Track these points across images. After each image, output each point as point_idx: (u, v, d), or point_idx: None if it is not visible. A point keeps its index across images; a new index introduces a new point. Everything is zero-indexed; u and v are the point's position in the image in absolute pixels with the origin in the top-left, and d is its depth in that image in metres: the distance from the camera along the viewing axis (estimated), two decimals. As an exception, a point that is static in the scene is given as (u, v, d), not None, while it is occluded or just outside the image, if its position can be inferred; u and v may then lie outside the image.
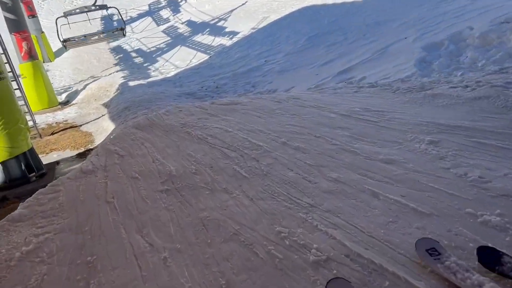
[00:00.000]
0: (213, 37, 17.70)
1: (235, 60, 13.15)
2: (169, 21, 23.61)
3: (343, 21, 11.72)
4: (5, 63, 8.88)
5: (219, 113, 4.79)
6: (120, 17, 12.64)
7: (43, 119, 12.95)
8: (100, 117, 11.11)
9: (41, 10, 28.37)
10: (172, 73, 14.93)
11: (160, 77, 14.82)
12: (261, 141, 3.33)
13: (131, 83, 14.24)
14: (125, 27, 13.27)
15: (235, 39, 15.98)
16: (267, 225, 2.24)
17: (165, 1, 27.77)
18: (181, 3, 26.26)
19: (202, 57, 15.78)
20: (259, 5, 18.88)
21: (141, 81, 14.38)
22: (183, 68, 15.12)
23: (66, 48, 12.80)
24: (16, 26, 14.39)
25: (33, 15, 21.91)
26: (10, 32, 14.42)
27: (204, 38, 18.24)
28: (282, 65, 10.54)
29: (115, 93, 13.65)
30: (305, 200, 2.45)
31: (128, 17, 26.13)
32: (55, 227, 2.40)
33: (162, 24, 23.57)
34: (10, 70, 9.10)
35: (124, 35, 13.93)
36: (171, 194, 2.66)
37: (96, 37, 13.18)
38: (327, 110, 3.96)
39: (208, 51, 16.20)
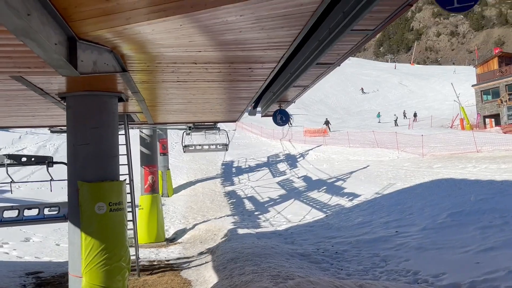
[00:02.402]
0: (329, 196, 16.83)
1: (357, 224, 11.74)
2: (285, 174, 23.83)
3: (496, 201, 9.92)
4: (127, 193, 8.80)
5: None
6: (227, 137, 16.14)
7: (146, 254, 12.48)
8: (203, 264, 10.16)
9: (172, 150, 31.44)
10: (283, 227, 13.94)
11: (271, 228, 13.90)
12: None
13: (240, 231, 13.49)
14: (228, 144, 16.08)
15: (355, 201, 14.82)
16: None
17: (284, 156, 28.78)
18: (298, 159, 26.85)
19: (317, 214, 14.72)
20: (383, 171, 17.98)
21: (251, 230, 13.57)
22: (296, 223, 14.07)
23: (184, 151, 16.42)
24: (148, 161, 15.38)
25: (164, 153, 24.02)
26: (141, 164, 15.43)
27: (320, 196, 17.47)
28: (419, 241, 8.81)
29: (223, 239, 12.91)
30: None
31: (247, 166, 27.29)
32: None
33: (278, 176, 23.83)
34: (130, 200, 8.96)
35: (227, 150, 16.61)
36: None
37: (207, 147, 16.43)
38: None
39: (324, 209, 15.15)
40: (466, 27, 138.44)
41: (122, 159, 8.89)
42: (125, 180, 6.75)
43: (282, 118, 8.86)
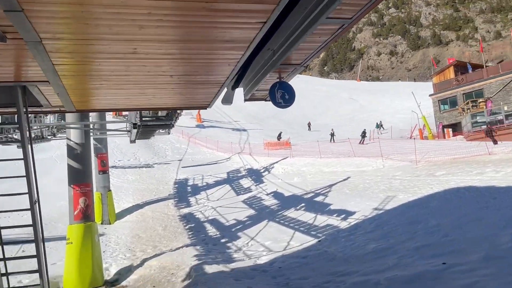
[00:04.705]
0: (313, 215, 13.71)
1: (372, 252, 8.65)
2: (251, 191, 20.48)
3: None
4: (27, 225, 5.10)
5: None
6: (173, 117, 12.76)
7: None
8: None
9: (115, 168, 27.11)
10: (264, 259, 10.56)
11: (248, 262, 10.45)
12: None
13: (208, 268, 9.90)
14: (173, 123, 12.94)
15: (351, 220, 11.79)
16: None
17: (246, 171, 25.44)
18: (263, 174, 23.63)
19: (304, 239, 11.49)
20: (371, 182, 15.23)
21: (222, 266, 10.03)
22: (280, 253, 10.73)
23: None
24: (78, 178, 11.44)
25: (104, 171, 19.76)
26: (69, 183, 11.51)
27: (300, 215, 14.30)
28: (499, 279, 5.81)
29: (185, 282, 9.31)
30: None
31: (205, 183, 23.61)
32: None
33: (242, 194, 20.44)
34: (38, 237, 5.25)
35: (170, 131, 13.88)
36: None
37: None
38: None
39: (312, 232, 11.97)
40: (404, 47, 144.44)
41: (19, 168, 5.24)
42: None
43: (284, 95, 5.63)
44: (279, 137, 36.88)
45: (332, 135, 36.85)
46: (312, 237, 11.38)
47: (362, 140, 30.09)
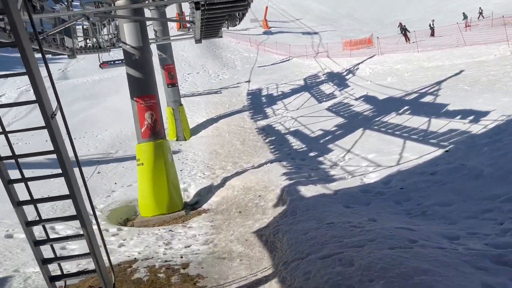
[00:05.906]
0: (425, 119, 10.94)
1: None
2: (335, 97, 17.85)
3: None
4: (50, 152, 3.21)
5: None
6: None
7: (150, 242, 7.20)
8: (258, 273, 4.76)
9: (184, 82, 25.55)
10: (373, 176, 8.32)
11: (352, 181, 8.29)
12: None
13: (304, 190, 7.92)
14: None
15: (486, 123, 8.91)
16: None
17: (325, 75, 22.48)
18: (347, 77, 20.59)
19: (422, 150, 8.94)
20: (498, 73, 11.81)
21: (321, 188, 7.99)
22: (395, 169, 8.37)
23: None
24: (141, 89, 9.64)
25: (173, 83, 18.13)
26: (131, 96, 9.81)
27: (406, 120, 11.60)
28: None
29: (278, 208, 7.51)
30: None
31: (280, 93, 21.24)
32: None
33: (325, 101, 17.88)
34: (67, 166, 3.39)
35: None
36: None
37: None
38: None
39: (431, 140, 9.35)
40: None
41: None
42: None
43: None
44: (432, 27, 27.38)
45: (432, 27, 29.30)
46: (435, 147, 8.79)
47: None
